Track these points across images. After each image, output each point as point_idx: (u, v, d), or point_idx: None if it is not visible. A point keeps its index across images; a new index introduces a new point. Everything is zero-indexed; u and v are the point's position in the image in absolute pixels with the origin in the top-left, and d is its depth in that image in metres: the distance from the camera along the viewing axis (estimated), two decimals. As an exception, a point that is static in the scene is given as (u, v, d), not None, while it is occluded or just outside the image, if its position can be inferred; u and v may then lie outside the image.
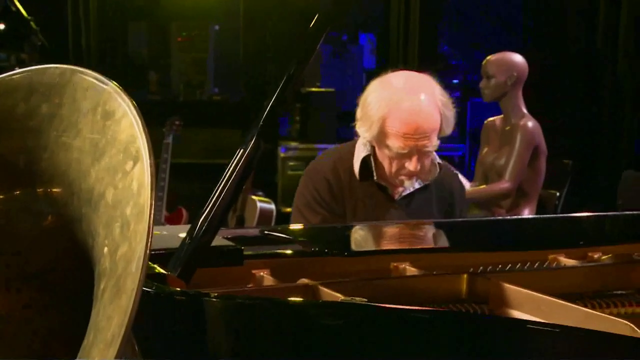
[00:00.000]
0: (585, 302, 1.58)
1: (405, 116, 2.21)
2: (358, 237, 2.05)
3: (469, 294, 1.62)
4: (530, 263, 1.81)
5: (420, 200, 2.37)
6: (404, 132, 2.21)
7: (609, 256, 1.86)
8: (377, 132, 2.24)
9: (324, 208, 2.33)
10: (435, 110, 2.23)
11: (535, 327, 1.21)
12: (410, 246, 1.99)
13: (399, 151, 2.23)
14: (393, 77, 2.29)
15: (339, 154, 2.43)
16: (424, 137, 2.21)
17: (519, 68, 3.95)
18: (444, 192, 2.41)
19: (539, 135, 3.92)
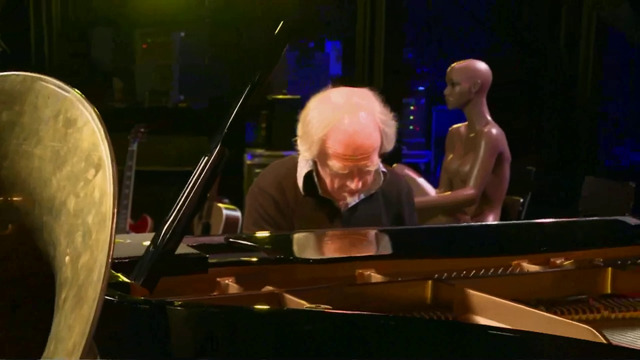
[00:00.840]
0: (548, 308, 1.60)
1: (345, 137, 2.20)
2: (323, 244, 2.05)
3: (433, 300, 1.63)
4: (494, 269, 1.83)
5: (367, 210, 2.37)
6: (344, 153, 2.20)
7: (570, 262, 1.88)
8: (317, 151, 2.24)
9: (271, 225, 2.33)
10: (375, 129, 2.22)
11: (497, 332, 1.22)
12: (376, 253, 2.00)
13: (339, 171, 2.23)
14: (333, 95, 2.28)
15: (282, 170, 2.42)
16: (365, 157, 2.20)
17: (483, 75, 3.99)
18: (391, 198, 2.41)
19: (502, 142, 3.96)
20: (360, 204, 2.37)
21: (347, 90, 2.34)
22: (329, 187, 2.31)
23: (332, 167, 2.24)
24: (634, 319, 1.64)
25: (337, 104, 2.25)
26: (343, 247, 2.05)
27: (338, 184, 2.28)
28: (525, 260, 1.88)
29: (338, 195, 2.33)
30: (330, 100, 2.27)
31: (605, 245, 1.96)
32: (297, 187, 2.35)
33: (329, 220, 2.35)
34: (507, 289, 1.66)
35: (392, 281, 1.68)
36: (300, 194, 2.35)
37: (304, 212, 2.35)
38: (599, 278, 1.79)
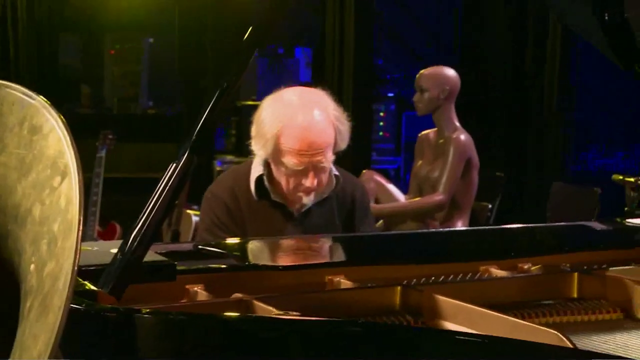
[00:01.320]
0: (516, 312, 1.61)
1: (299, 133, 2.21)
2: (293, 250, 2.05)
3: (402, 306, 1.64)
4: (462, 274, 1.84)
5: (320, 214, 2.37)
6: (298, 149, 2.21)
7: (538, 267, 1.89)
8: (271, 149, 2.24)
9: (223, 231, 2.32)
10: (329, 126, 2.23)
11: (464, 338, 1.23)
12: (345, 259, 2.00)
13: (294, 168, 2.23)
14: (286, 94, 2.30)
15: (236, 175, 2.42)
16: (319, 152, 2.21)
17: (452, 82, 4.02)
18: (345, 201, 2.42)
19: (471, 148, 3.99)
20: (313, 208, 2.37)
21: (300, 89, 2.36)
22: (284, 188, 2.30)
23: (287, 164, 2.23)
24: (599, 322, 1.66)
25: (290, 101, 2.26)
26: (312, 254, 2.06)
27: (293, 183, 2.28)
28: (493, 266, 1.89)
29: (293, 196, 2.32)
30: (283, 99, 2.28)
31: (571, 251, 1.99)
32: (250, 193, 2.35)
33: (282, 225, 2.34)
34: (475, 295, 1.67)
35: (361, 287, 1.69)
36: (253, 199, 2.35)
37: (257, 217, 2.35)
38: (566, 283, 1.80)
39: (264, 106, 2.31)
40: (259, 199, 2.35)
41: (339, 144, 2.27)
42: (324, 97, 2.30)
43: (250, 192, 2.36)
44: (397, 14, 7.52)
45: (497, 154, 6.35)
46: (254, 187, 2.35)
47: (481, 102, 6.55)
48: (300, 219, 2.37)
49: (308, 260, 1.95)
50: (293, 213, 2.37)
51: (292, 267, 1.76)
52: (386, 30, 7.50)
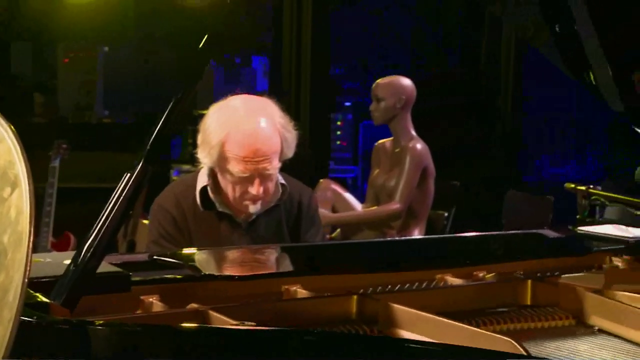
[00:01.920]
0: (471, 320, 1.63)
1: (244, 139, 2.20)
2: (249, 260, 2.04)
3: (358, 315, 1.64)
4: (418, 283, 1.85)
5: (268, 223, 2.37)
6: (244, 156, 2.20)
7: (492, 274, 1.91)
8: (216, 157, 2.23)
9: (170, 242, 2.31)
10: (275, 133, 2.23)
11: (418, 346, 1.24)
12: (301, 268, 2.00)
13: (240, 175, 2.22)
14: (231, 101, 2.29)
15: (181, 186, 2.41)
16: (265, 159, 2.21)
17: (408, 91, 4.05)
18: (292, 209, 2.41)
19: (427, 157, 4.02)
20: (260, 217, 2.36)
21: (245, 97, 2.35)
22: (230, 196, 2.29)
23: (232, 171, 2.22)
24: (552, 328, 1.68)
25: (235, 108, 2.26)
26: (269, 263, 2.05)
27: (239, 191, 2.27)
28: (449, 274, 1.91)
29: (239, 205, 2.31)
30: (228, 106, 2.28)
31: (525, 258, 2.01)
32: (196, 203, 2.34)
33: (230, 235, 2.33)
34: (431, 303, 1.69)
35: (318, 296, 1.69)
36: (199, 210, 2.33)
37: (203, 228, 2.34)
38: (520, 290, 1.83)
39: (209, 114, 2.29)
40: (205, 209, 2.34)
41: (285, 152, 2.26)
42: (270, 104, 2.30)
43: (196, 203, 2.34)
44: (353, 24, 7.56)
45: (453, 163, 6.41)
46: (199, 197, 2.34)
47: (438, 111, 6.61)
48: (247, 229, 2.36)
49: (264, 270, 1.95)
50: (240, 223, 2.36)
51: (248, 277, 1.76)
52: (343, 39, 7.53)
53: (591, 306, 1.72)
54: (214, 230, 2.34)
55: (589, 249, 2.07)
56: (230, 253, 2.09)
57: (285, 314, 1.59)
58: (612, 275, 1.94)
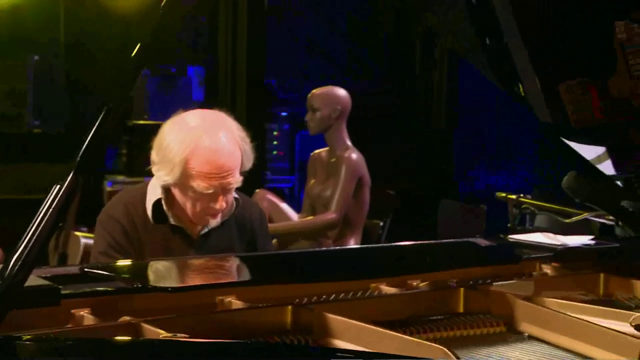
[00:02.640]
0: (404, 329, 1.64)
1: (208, 156, 2.20)
2: (183, 271, 2.02)
3: (293, 325, 1.64)
4: (353, 292, 1.86)
5: (220, 237, 2.37)
6: (208, 172, 2.20)
7: (426, 283, 1.93)
8: (179, 174, 2.22)
9: (120, 253, 2.28)
10: (236, 147, 2.25)
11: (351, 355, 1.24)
12: (236, 279, 1.99)
13: (204, 191, 2.22)
14: (188, 117, 2.28)
15: (131, 197, 2.38)
16: (228, 174, 2.22)
17: (343, 101, 4.08)
18: (244, 224, 2.42)
19: (362, 166, 4.05)
20: (213, 232, 2.36)
21: (201, 112, 2.35)
22: (190, 212, 2.28)
23: (197, 188, 2.22)
24: (484, 335, 1.71)
25: (194, 125, 2.25)
26: (203, 275, 2.03)
27: (200, 207, 2.26)
28: (383, 283, 1.92)
29: (199, 220, 2.31)
30: (186, 123, 2.27)
31: (458, 267, 2.04)
32: (147, 216, 2.32)
33: (181, 249, 2.32)
34: (365, 312, 1.70)
35: (252, 307, 1.68)
36: (149, 223, 2.31)
37: (154, 241, 2.31)
38: (453, 298, 1.85)
39: (166, 131, 2.27)
40: (157, 222, 2.32)
41: (245, 165, 2.28)
42: (227, 118, 2.31)
43: (147, 215, 2.32)
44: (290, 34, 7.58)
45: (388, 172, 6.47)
46: (150, 211, 2.31)
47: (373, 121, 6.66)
48: (199, 243, 2.35)
49: (198, 281, 1.93)
50: (192, 237, 2.34)
51: (182, 288, 1.74)
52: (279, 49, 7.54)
53: (521, 313, 1.75)
54: (165, 244, 2.32)
55: (519, 257, 2.11)
56: (164, 264, 2.06)
57: (219, 325, 1.58)
58: (542, 283, 1.98)
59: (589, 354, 1.57)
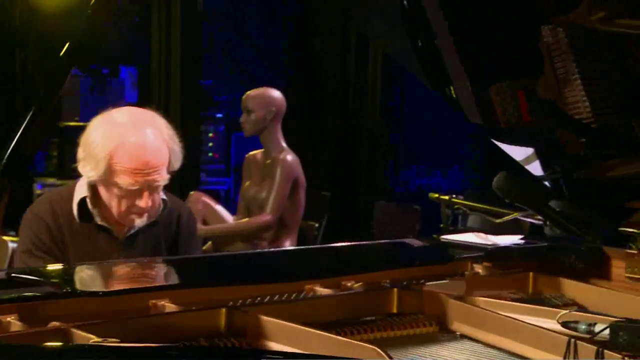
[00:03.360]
0: (339, 330, 1.65)
1: (133, 151, 2.18)
2: (114, 275, 1.99)
3: (227, 328, 1.63)
4: (287, 294, 1.86)
5: (147, 238, 2.34)
6: (134, 168, 2.18)
7: (360, 284, 1.94)
8: (103, 170, 2.19)
9: (45, 252, 2.24)
10: (163, 144, 2.22)
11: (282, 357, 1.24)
12: (169, 283, 1.97)
13: (129, 188, 2.19)
14: (116, 114, 2.26)
15: (57, 196, 2.35)
16: (154, 171, 2.19)
17: (278, 103, 4.07)
18: (171, 226, 2.40)
19: (298, 168, 4.05)
20: (139, 232, 2.33)
21: (130, 109, 2.33)
22: (115, 210, 2.24)
23: (121, 184, 2.19)
24: (417, 335, 1.73)
25: (121, 121, 2.23)
26: (135, 278, 2.00)
27: (126, 205, 2.23)
28: (318, 284, 1.92)
29: (124, 219, 2.27)
30: (113, 119, 2.24)
31: (391, 267, 2.06)
32: (73, 216, 2.28)
33: (107, 250, 2.29)
34: (300, 314, 1.70)
35: (186, 310, 1.66)
36: (75, 223, 2.27)
37: (80, 241, 2.28)
38: (386, 299, 1.86)
39: (92, 127, 2.25)
40: (82, 222, 2.28)
41: (172, 164, 2.25)
42: (156, 116, 2.29)
43: (73, 215, 2.28)
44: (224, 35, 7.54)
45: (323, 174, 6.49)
46: (76, 210, 2.27)
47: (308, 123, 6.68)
48: (126, 243, 2.31)
49: (131, 285, 1.90)
50: (118, 238, 2.31)
51: (113, 292, 1.71)
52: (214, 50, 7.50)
53: (453, 312, 1.78)
54: (91, 244, 2.28)
55: (451, 257, 2.14)
56: (95, 268, 2.03)
57: (152, 329, 1.56)
58: (473, 282, 2.01)
59: (518, 352, 1.60)
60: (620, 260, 2.05)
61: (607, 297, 1.93)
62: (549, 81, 2.00)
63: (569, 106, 2.02)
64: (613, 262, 2.08)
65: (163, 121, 2.28)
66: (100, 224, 2.29)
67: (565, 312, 1.72)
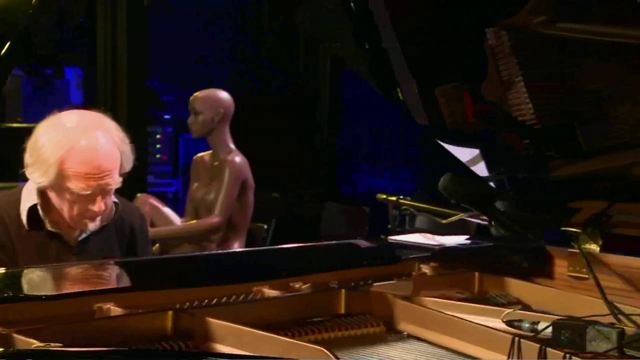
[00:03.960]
0: (287, 331, 1.65)
1: (85, 156, 2.15)
2: (59, 279, 1.96)
3: (174, 331, 1.62)
4: (235, 296, 1.85)
5: (99, 242, 2.32)
6: (86, 172, 2.15)
7: (308, 285, 1.94)
8: (54, 175, 2.15)
9: None
10: (114, 147, 2.20)
11: None
12: (115, 286, 1.94)
13: (81, 192, 2.16)
14: (64, 117, 2.23)
15: (4, 203, 2.30)
16: (107, 175, 2.17)
17: (225, 104, 4.06)
18: (124, 229, 2.38)
19: (246, 169, 4.05)
20: (91, 237, 2.30)
21: (78, 112, 2.29)
22: (67, 215, 2.21)
23: (73, 189, 2.16)
24: (364, 336, 1.74)
25: (70, 125, 2.20)
26: (80, 282, 1.97)
27: (78, 209, 2.20)
28: (266, 286, 1.92)
29: (77, 223, 2.24)
30: (62, 123, 2.21)
31: (339, 268, 2.06)
32: (22, 222, 2.23)
33: (58, 256, 2.25)
34: (247, 316, 1.70)
35: (131, 314, 1.65)
36: (24, 229, 2.23)
37: (30, 248, 2.24)
38: (334, 300, 1.87)
39: (40, 131, 2.20)
40: (32, 229, 2.24)
41: (124, 166, 2.23)
42: (105, 119, 2.26)
43: (21, 221, 2.23)
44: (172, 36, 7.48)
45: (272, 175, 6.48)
46: (25, 217, 2.23)
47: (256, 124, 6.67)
48: (77, 248, 2.28)
49: (75, 289, 1.87)
50: (70, 243, 2.27)
51: (57, 296, 1.68)
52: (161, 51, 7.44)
53: (401, 313, 1.79)
54: (41, 251, 2.24)
55: (399, 257, 2.15)
56: (39, 272, 1.99)
57: (97, 333, 1.54)
58: (420, 282, 2.03)
59: (464, 351, 1.62)
60: (563, 259, 2.09)
61: (550, 295, 1.97)
62: (494, 83, 2.03)
63: (513, 108, 2.05)
64: (556, 261, 2.12)
65: (113, 124, 2.26)
66: (50, 229, 2.25)
67: (510, 311, 1.75)
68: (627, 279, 1.96)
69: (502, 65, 2.00)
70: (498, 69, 2.01)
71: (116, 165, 2.20)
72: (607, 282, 1.92)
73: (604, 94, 2.04)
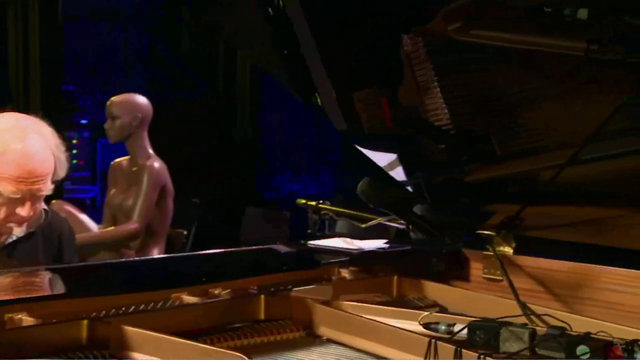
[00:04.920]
0: (205, 338, 1.63)
1: (18, 159, 2.12)
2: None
3: (89, 340, 1.59)
4: (153, 303, 1.82)
5: (24, 248, 2.28)
6: (17, 176, 2.12)
7: (227, 291, 1.93)
8: None
9: None
10: (49, 153, 2.18)
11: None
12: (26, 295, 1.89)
13: (11, 195, 2.13)
14: (1, 119, 2.20)
15: None
16: (39, 180, 2.15)
17: (143, 109, 4.01)
18: (52, 237, 2.34)
19: (165, 175, 4.00)
20: (17, 243, 2.26)
21: (15, 116, 2.26)
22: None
23: (3, 192, 2.12)
24: (284, 341, 1.74)
25: (5, 127, 2.16)
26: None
27: (6, 213, 2.16)
28: (185, 293, 1.90)
29: (3, 227, 2.20)
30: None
31: (258, 274, 2.06)
32: None
33: None
34: (166, 323, 1.68)
35: (44, 324, 1.61)
36: None
37: None
38: (254, 305, 1.86)
39: None
40: None
41: (57, 173, 2.21)
42: (41, 123, 2.24)
43: None
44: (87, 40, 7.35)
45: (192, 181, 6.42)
46: None
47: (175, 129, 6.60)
48: (2, 254, 2.22)
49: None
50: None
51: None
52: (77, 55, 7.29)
53: (320, 317, 1.80)
54: None
55: (318, 262, 2.16)
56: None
57: (8, 344, 1.50)
58: (340, 286, 2.04)
59: (381, 354, 1.64)
60: (478, 261, 2.13)
61: (466, 297, 2.01)
62: (410, 88, 2.06)
63: (430, 113, 2.09)
64: (471, 264, 2.16)
65: (49, 129, 2.23)
66: None
67: (427, 314, 1.77)
68: (538, 279, 2.01)
69: (418, 70, 2.04)
70: (414, 74, 2.04)
71: (49, 171, 2.17)
72: (520, 283, 1.97)
73: (518, 100, 2.09)
